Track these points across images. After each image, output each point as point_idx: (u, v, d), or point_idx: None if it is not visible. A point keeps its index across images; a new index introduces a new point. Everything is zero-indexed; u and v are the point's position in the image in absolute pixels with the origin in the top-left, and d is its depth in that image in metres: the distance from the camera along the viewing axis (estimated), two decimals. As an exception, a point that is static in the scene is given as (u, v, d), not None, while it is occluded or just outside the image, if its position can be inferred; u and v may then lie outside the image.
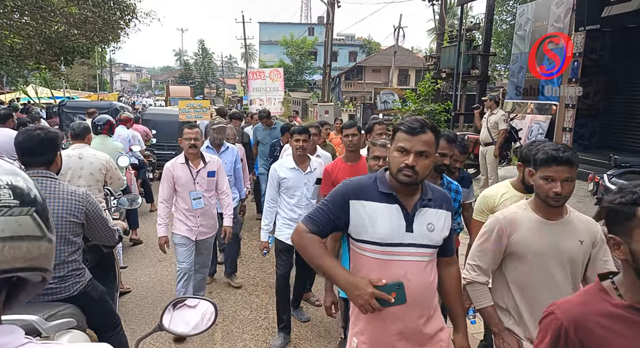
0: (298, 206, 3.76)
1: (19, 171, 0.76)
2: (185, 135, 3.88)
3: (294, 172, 3.74)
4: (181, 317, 1.40)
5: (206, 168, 4.00)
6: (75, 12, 11.49)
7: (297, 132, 3.74)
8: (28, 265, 0.70)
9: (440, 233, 1.86)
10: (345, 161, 3.66)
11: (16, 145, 2.53)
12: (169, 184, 3.92)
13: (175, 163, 3.94)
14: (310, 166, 3.78)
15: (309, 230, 1.82)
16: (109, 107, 11.29)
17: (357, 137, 3.62)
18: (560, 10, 9.47)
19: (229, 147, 4.99)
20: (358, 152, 3.70)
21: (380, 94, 17.18)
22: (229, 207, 4.20)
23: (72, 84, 31.14)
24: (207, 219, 4.09)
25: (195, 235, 4.01)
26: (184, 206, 3.98)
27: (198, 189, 3.95)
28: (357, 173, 3.36)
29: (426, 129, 1.76)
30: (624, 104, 9.35)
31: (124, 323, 2.95)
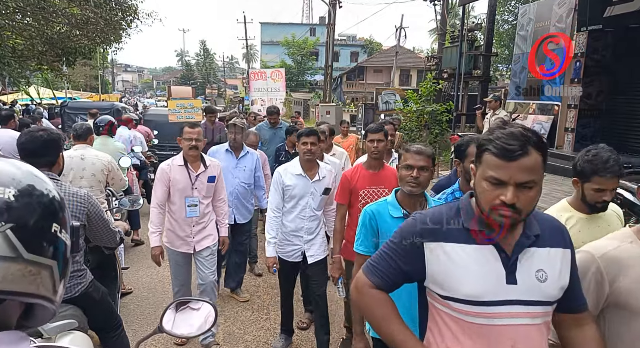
0: (301, 217, 3.44)
1: (19, 181, 0.69)
2: (185, 135, 3.50)
3: (300, 179, 3.39)
4: (184, 319, 1.40)
5: (206, 173, 3.61)
6: (77, 12, 11.52)
7: (304, 134, 3.38)
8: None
9: (556, 282, 1.34)
10: (366, 168, 3.26)
11: (19, 146, 2.53)
12: (163, 188, 3.53)
13: (173, 165, 3.55)
14: (319, 173, 3.42)
15: (372, 284, 1.43)
16: (110, 108, 11.30)
17: (383, 143, 3.21)
18: (562, 11, 9.46)
19: (249, 152, 4.53)
20: (382, 159, 3.33)
21: (382, 94, 17.16)
22: (226, 216, 3.87)
23: (74, 84, 31.20)
24: (204, 229, 3.67)
25: (192, 246, 3.62)
26: (177, 213, 3.58)
27: (195, 195, 3.56)
28: (379, 182, 3.18)
29: (529, 149, 1.22)
30: (626, 105, 9.32)
31: (126, 324, 2.94)
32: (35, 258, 0.66)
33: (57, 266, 0.70)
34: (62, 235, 0.72)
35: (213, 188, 3.69)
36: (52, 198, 0.72)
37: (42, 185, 0.72)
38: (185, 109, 8.48)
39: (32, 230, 0.67)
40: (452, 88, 13.30)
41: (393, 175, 3.06)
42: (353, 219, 3.12)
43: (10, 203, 0.65)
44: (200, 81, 58.90)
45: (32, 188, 0.70)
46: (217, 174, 3.69)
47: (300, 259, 3.51)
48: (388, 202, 2.32)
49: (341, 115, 18.40)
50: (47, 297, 0.69)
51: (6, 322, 0.69)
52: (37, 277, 0.66)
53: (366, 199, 3.10)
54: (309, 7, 58.54)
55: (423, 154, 2.28)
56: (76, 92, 26.83)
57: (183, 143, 3.52)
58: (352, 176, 3.26)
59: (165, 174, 3.53)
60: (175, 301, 1.42)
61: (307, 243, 3.49)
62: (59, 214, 0.72)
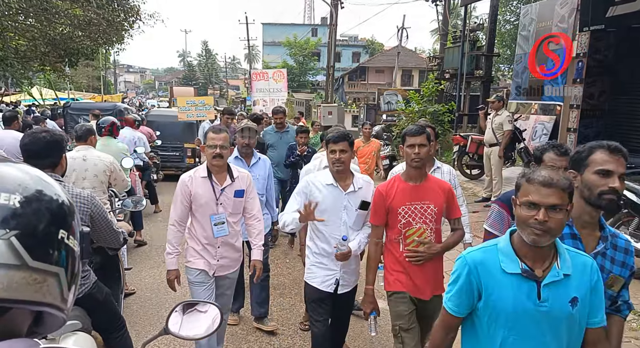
0: (334, 237, 2.89)
1: (25, 187, 0.68)
2: (209, 141, 2.99)
3: (331, 190, 2.88)
4: (191, 322, 1.40)
5: (233, 186, 3.11)
6: (80, 14, 11.56)
7: (332, 140, 2.81)
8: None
9: None
10: (405, 179, 2.77)
11: (21, 147, 2.54)
12: (184, 203, 3.06)
13: (195, 177, 3.07)
14: (354, 184, 2.91)
15: None
16: (113, 108, 11.33)
17: (426, 148, 2.68)
18: (564, 11, 9.45)
19: (261, 158, 4.11)
20: (424, 168, 2.81)
21: (384, 94, 17.16)
22: (260, 235, 3.28)
23: (77, 85, 31.28)
24: (230, 250, 3.21)
25: (214, 270, 3.16)
26: (201, 232, 3.12)
27: (221, 212, 3.09)
28: (422, 196, 2.72)
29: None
30: (628, 105, 9.30)
31: (129, 325, 2.95)
32: (41, 266, 0.65)
33: (65, 274, 0.68)
34: (70, 241, 0.70)
35: (242, 204, 3.19)
36: (60, 204, 0.71)
37: (50, 191, 0.71)
38: (196, 106, 7.91)
39: (37, 237, 0.65)
40: (454, 88, 13.29)
41: (439, 187, 2.74)
42: (392, 243, 2.79)
43: (16, 210, 0.64)
44: (203, 81, 59.00)
45: (39, 194, 0.68)
46: (247, 188, 3.19)
47: (333, 289, 2.96)
48: (499, 249, 1.64)
49: (343, 115, 18.39)
50: (54, 305, 0.68)
51: (16, 329, 0.68)
52: (42, 285, 0.65)
53: (407, 218, 2.70)
54: (311, 7, 58.57)
55: (554, 188, 1.52)
56: (79, 93, 26.90)
57: (206, 151, 3.02)
58: (387, 191, 2.75)
59: (186, 188, 3.05)
60: (181, 303, 1.43)
61: (344, 269, 2.97)
62: (66, 220, 0.71)
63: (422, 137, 2.67)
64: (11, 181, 0.68)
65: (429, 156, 2.89)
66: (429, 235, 2.72)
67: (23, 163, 0.79)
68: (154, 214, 7.80)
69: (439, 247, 2.73)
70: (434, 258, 2.74)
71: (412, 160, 2.69)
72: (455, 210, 2.80)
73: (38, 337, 0.74)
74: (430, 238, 2.72)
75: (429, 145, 2.72)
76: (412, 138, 2.68)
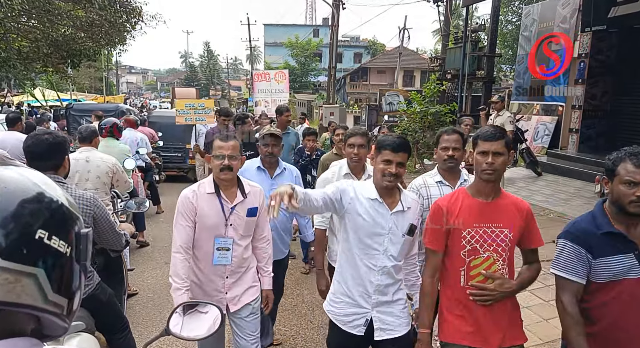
0: (370, 267, 2.28)
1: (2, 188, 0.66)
2: (216, 150, 2.53)
3: (375, 207, 2.27)
4: (192, 322, 1.41)
5: (245, 203, 2.62)
6: (82, 15, 11.59)
7: (391, 147, 2.22)
8: None
9: None
10: (473, 194, 2.21)
11: (24, 149, 2.56)
12: (189, 224, 2.55)
13: (199, 193, 2.57)
14: (402, 202, 2.30)
15: None
16: (115, 109, 11.36)
17: (503, 158, 2.12)
18: (566, 11, 9.45)
19: (287, 168, 3.51)
20: (498, 182, 2.22)
21: (386, 95, 17.18)
22: (270, 260, 2.85)
23: (79, 86, 31.37)
24: (241, 281, 2.69)
25: (225, 304, 2.62)
26: (204, 260, 2.62)
27: (230, 235, 2.59)
28: (494, 217, 2.16)
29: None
30: (631, 105, 9.30)
31: (131, 326, 2.96)
32: (12, 266, 0.62)
33: (45, 275, 0.66)
34: (53, 242, 0.67)
35: (254, 223, 2.70)
36: (46, 204, 0.68)
37: (31, 190, 0.68)
38: (195, 110, 7.43)
39: (8, 236, 0.63)
40: (456, 89, 13.29)
41: (516, 207, 2.19)
42: (452, 275, 2.22)
43: None
44: (204, 82, 59.05)
45: (17, 193, 0.66)
46: (260, 205, 2.69)
47: (363, 332, 2.31)
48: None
49: (345, 116, 18.41)
50: (36, 307, 0.65)
51: (16, 329, 0.67)
52: (15, 285, 0.62)
53: (474, 245, 2.15)
54: (313, 8, 58.57)
55: None
56: (81, 94, 26.96)
57: (212, 162, 2.55)
58: (450, 207, 2.21)
59: (190, 205, 2.55)
60: (182, 304, 1.44)
61: (378, 308, 2.31)
62: (49, 221, 0.68)
63: (500, 143, 2.12)
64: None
65: (503, 168, 2.18)
66: (501, 267, 2.15)
67: (25, 164, 0.77)
68: (156, 215, 7.82)
69: (513, 284, 2.16)
70: (505, 298, 2.17)
71: (483, 171, 2.12)
72: (535, 238, 2.22)
73: (49, 340, 0.73)
74: (502, 272, 2.16)
75: (508, 154, 2.16)
76: (487, 144, 2.12)
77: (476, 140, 2.19)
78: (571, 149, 9.92)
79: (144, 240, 6.26)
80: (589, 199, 7.27)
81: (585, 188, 7.94)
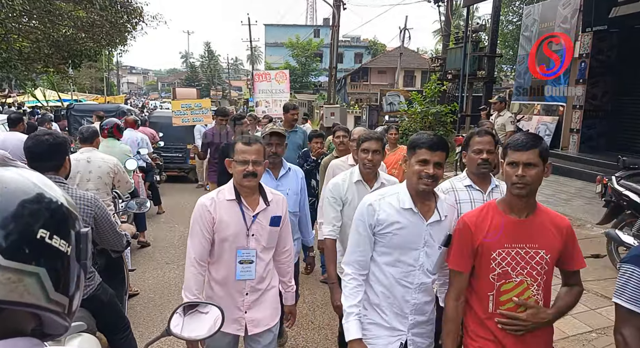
0: (406, 285, 2.06)
1: (3, 188, 0.66)
2: (238, 155, 2.30)
3: (409, 217, 2.02)
4: (193, 323, 1.41)
5: (268, 212, 2.40)
6: (83, 15, 11.61)
7: (427, 146, 1.97)
8: None
9: None
10: (504, 210, 1.92)
11: (25, 150, 2.56)
12: (205, 235, 2.33)
13: (218, 200, 2.35)
14: (439, 209, 2.05)
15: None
16: (116, 110, 11.37)
17: (537, 170, 1.81)
18: (567, 11, 9.45)
19: (292, 169, 3.34)
20: (533, 196, 1.90)
21: (386, 95, 17.19)
22: (291, 274, 2.65)
23: (80, 87, 31.39)
24: (263, 299, 2.45)
25: (244, 325, 2.40)
26: (223, 274, 2.38)
27: (252, 246, 2.36)
28: (528, 237, 1.88)
29: None
30: (632, 105, 9.30)
31: (132, 326, 2.96)
32: (15, 265, 0.63)
33: (47, 274, 0.66)
34: (54, 241, 0.68)
35: (277, 234, 2.47)
36: (46, 204, 0.69)
37: (31, 190, 0.69)
38: (192, 111, 7.16)
39: (11, 236, 0.64)
40: (457, 89, 13.29)
41: (553, 225, 1.91)
42: (478, 299, 1.97)
43: None
44: (205, 82, 59.10)
45: (18, 193, 0.67)
46: (283, 214, 2.48)
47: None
48: None
49: (345, 117, 18.42)
50: (38, 306, 0.66)
51: (17, 329, 0.68)
52: (18, 285, 0.63)
53: (505, 267, 1.88)
54: (313, 8, 58.60)
55: None
56: (82, 95, 26.99)
57: (234, 168, 2.33)
58: (478, 224, 1.94)
59: (207, 215, 2.32)
60: (182, 304, 1.44)
61: (414, 329, 2.12)
62: (50, 220, 0.69)
63: (532, 153, 1.80)
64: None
65: (539, 180, 1.85)
66: (535, 293, 1.89)
67: (26, 165, 0.78)
68: (157, 216, 7.82)
69: (549, 314, 1.89)
70: (541, 328, 1.90)
71: (513, 185, 1.83)
72: (577, 259, 1.95)
73: (50, 339, 0.74)
74: (537, 298, 1.89)
75: (544, 165, 1.84)
76: (517, 154, 1.83)
77: (506, 149, 1.90)
78: (572, 149, 9.92)
79: (145, 240, 6.27)
80: (589, 200, 7.26)
81: (586, 188, 7.93)
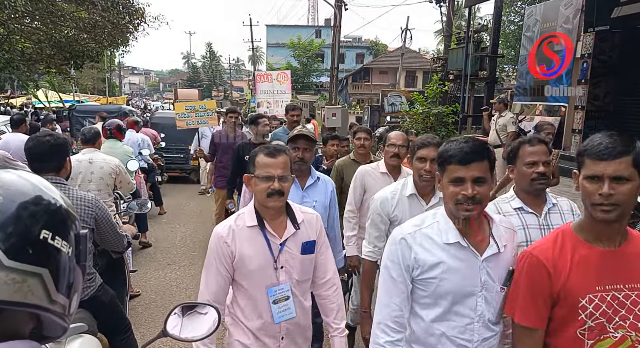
0: (469, 344, 1.57)
1: (5, 189, 0.67)
2: (260, 170, 1.90)
3: (459, 254, 1.56)
4: (191, 323, 1.41)
5: (298, 237, 1.98)
6: (85, 16, 11.64)
7: (450, 158, 1.55)
8: None
9: None
10: (587, 239, 1.45)
11: (26, 151, 2.57)
12: (222, 271, 1.94)
13: (237, 228, 1.94)
14: (496, 238, 1.59)
15: None
16: (118, 110, 11.39)
17: (630, 185, 1.35)
18: (569, 12, 9.43)
19: (321, 178, 2.94)
20: (626, 219, 1.43)
21: (388, 96, 17.18)
22: (341, 312, 2.10)
23: (82, 87, 31.49)
24: (299, 341, 2.08)
25: None
26: (252, 316, 1.97)
27: (283, 280, 1.95)
28: (627, 275, 1.41)
29: None
30: (634, 105, 9.27)
31: (133, 327, 2.97)
32: (18, 266, 0.64)
33: (50, 274, 0.67)
34: (56, 242, 0.69)
35: (312, 263, 2.04)
36: (46, 205, 0.70)
37: (33, 192, 0.70)
38: (196, 112, 6.76)
39: (14, 237, 0.64)
40: (459, 90, 13.27)
41: None
42: None
43: None
44: (207, 83, 59.16)
45: (20, 195, 0.68)
46: (318, 236, 2.04)
47: None
48: None
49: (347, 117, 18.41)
50: (40, 306, 0.67)
51: (16, 331, 0.68)
52: (22, 285, 0.64)
53: (599, 318, 1.41)
54: (315, 9, 58.61)
55: None
56: (84, 95, 27.08)
57: (255, 185, 1.92)
58: (556, 260, 1.44)
59: (224, 249, 1.92)
60: (180, 304, 1.43)
61: None
62: (52, 221, 0.69)
63: (622, 163, 1.34)
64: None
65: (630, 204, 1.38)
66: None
67: (27, 166, 0.77)
68: (159, 216, 7.83)
69: None
70: None
71: (597, 206, 1.36)
72: None
73: (47, 342, 0.74)
74: None
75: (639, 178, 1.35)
76: (600, 164, 1.36)
77: (582, 157, 1.43)
78: (574, 150, 9.90)
79: (147, 241, 6.27)
80: (592, 200, 7.25)
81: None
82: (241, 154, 4.68)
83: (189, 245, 6.42)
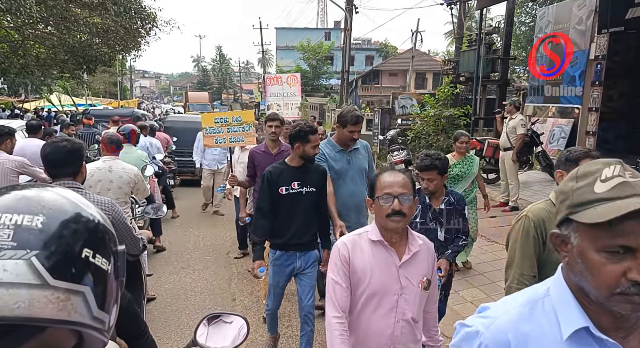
0: None
1: (48, 209, 0.68)
2: (381, 190, 1.89)
3: None
4: (217, 332, 1.42)
5: (416, 263, 1.96)
6: (98, 22, 11.80)
7: None
8: (14, 314, 0.62)
9: None
10: None
11: (43, 157, 2.60)
12: (343, 283, 1.90)
13: (360, 239, 1.95)
14: None
15: None
16: (130, 114, 11.50)
17: None
18: (582, 13, 9.33)
19: None
20: None
21: (399, 98, 17.12)
22: (438, 338, 2.13)
23: (94, 91, 31.85)
24: None
25: None
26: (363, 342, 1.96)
27: (402, 305, 1.92)
28: None
29: None
30: (649, 107, 9.16)
31: (150, 331, 2.98)
32: (63, 285, 0.65)
33: (92, 292, 0.68)
34: (97, 260, 0.70)
35: (425, 299, 2.01)
36: (86, 223, 0.71)
37: (76, 210, 0.71)
38: (228, 127, 4.81)
39: (58, 256, 0.66)
40: (470, 92, 13.20)
41: None
42: None
43: (37, 231, 0.66)
44: (217, 86, 59.54)
45: (62, 214, 0.69)
46: (431, 270, 2.01)
47: None
48: None
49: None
50: (84, 324, 0.68)
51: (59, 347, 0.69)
52: (66, 303, 0.65)
53: None
54: (324, 11, 58.71)
55: None
56: (96, 99, 27.40)
57: (378, 208, 1.90)
58: None
59: (344, 251, 1.92)
60: (207, 316, 1.45)
61: None
62: (92, 239, 0.71)
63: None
64: (35, 203, 0.69)
65: None
66: None
67: (44, 171, 0.77)
68: (172, 220, 7.88)
69: None
70: None
71: None
72: None
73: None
74: None
75: None
76: None
77: None
78: (588, 152, 9.78)
79: (161, 245, 6.31)
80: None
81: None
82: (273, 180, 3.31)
83: (202, 249, 6.45)
